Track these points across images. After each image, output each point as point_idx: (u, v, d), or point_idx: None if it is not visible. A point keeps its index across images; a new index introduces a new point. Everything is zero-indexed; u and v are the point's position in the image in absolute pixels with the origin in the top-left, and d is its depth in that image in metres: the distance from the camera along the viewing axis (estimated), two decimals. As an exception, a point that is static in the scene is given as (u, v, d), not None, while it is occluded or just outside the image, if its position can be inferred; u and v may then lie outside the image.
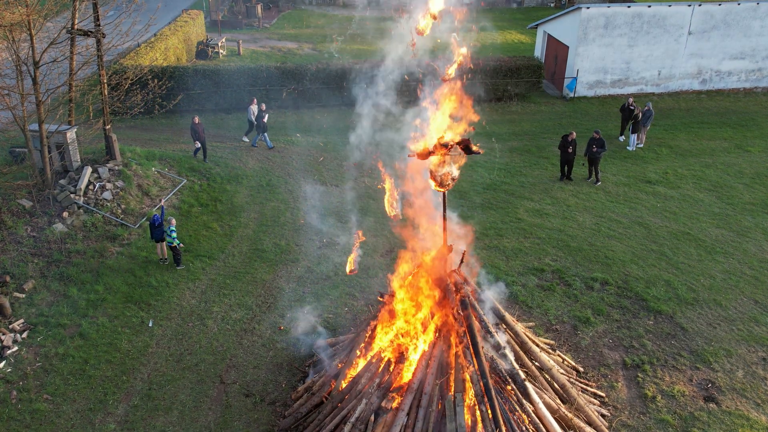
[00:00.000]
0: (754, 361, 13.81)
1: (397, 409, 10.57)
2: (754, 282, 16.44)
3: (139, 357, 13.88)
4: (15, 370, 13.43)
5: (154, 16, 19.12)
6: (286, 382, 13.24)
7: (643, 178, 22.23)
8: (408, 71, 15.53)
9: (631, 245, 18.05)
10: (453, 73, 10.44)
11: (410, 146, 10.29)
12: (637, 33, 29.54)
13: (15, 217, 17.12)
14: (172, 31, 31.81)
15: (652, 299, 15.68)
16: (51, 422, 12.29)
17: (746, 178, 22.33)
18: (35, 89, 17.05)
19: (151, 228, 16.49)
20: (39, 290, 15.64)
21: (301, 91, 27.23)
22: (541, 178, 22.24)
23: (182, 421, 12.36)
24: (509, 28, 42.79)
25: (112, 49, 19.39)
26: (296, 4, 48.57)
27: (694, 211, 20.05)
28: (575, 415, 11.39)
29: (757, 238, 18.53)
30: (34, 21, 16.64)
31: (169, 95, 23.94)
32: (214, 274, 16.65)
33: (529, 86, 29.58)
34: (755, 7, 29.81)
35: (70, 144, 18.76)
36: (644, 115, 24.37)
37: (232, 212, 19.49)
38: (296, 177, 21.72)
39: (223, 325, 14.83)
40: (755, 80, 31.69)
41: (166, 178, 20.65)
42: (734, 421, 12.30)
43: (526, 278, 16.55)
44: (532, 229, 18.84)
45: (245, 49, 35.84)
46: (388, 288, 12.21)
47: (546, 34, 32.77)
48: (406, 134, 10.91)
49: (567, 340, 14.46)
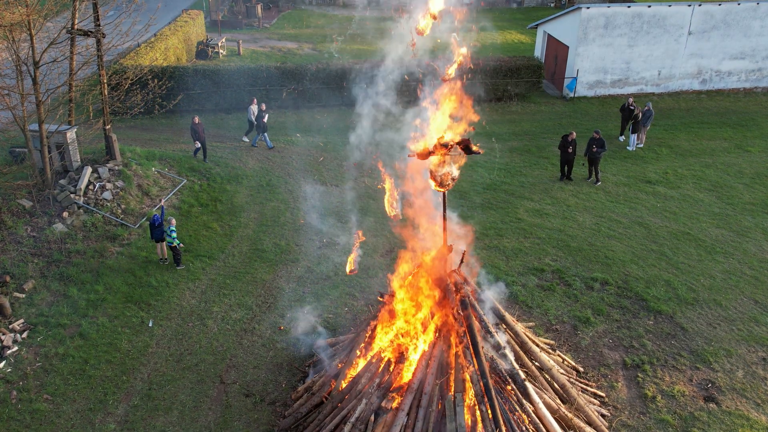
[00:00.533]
0: (754, 361, 13.81)
1: (397, 409, 10.57)
2: (754, 282, 16.44)
3: (139, 357, 13.88)
4: (15, 370, 13.43)
5: (154, 16, 19.13)
6: (286, 382, 13.24)
7: (643, 178, 22.23)
8: (408, 71, 15.54)
9: (631, 245, 18.05)
10: (453, 73, 10.44)
11: (410, 146, 10.29)
12: (637, 33, 29.55)
13: (15, 217, 17.12)
14: (172, 31, 31.81)
15: (652, 299, 15.68)
16: (51, 422, 12.29)
17: (746, 178, 22.33)
18: (35, 89, 17.05)
19: (151, 228, 16.49)
20: (39, 290, 15.64)
21: (301, 91, 27.23)
22: (541, 178, 22.24)
23: (182, 421, 12.36)
24: (509, 28, 42.79)
25: (112, 49, 19.40)
26: (296, 4, 48.57)
27: (694, 211, 20.06)
28: (575, 415, 11.39)
29: (757, 238, 18.53)
30: (34, 21, 16.64)
31: (169, 95, 23.95)
32: (214, 274, 16.65)
33: (529, 86, 29.58)
34: (755, 7, 29.82)
35: (70, 144, 18.76)
36: (644, 115, 24.37)
37: (232, 212, 19.50)
38: (296, 177, 21.73)
39: (223, 325, 14.83)
40: (755, 80, 31.70)
41: (166, 178, 20.65)
42: (734, 421, 12.30)
43: (526, 278, 16.55)
44: (532, 229, 18.84)
45: (245, 49, 35.85)
46: (388, 288, 12.21)
47: (546, 34, 32.78)
48: (406, 134, 10.91)
49: (567, 340, 14.46)
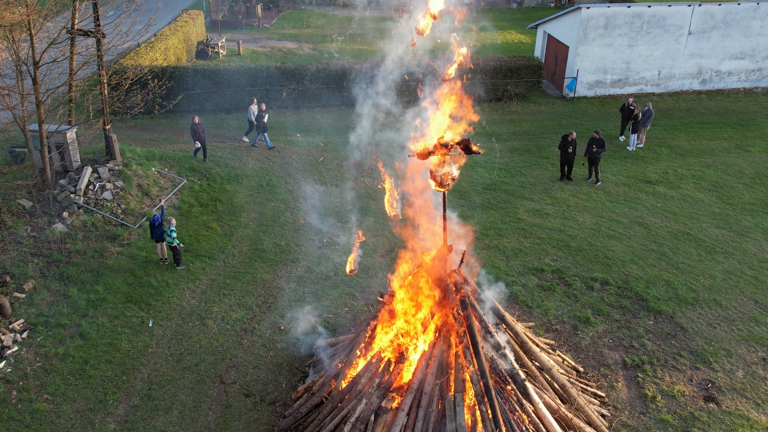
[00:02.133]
0: (754, 361, 13.81)
1: (397, 409, 10.57)
2: (754, 282, 16.44)
3: (139, 357, 13.88)
4: (15, 370, 13.43)
5: (154, 16, 19.13)
6: (286, 382, 13.24)
7: (643, 178, 22.23)
8: (408, 71, 15.53)
9: (631, 245, 18.05)
10: (453, 73, 10.44)
11: (410, 146, 10.29)
12: (637, 33, 29.55)
13: (15, 217, 17.12)
14: (172, 31, 31.82)
15: (652, 299, 15.68)
16: (51, 422, 12.29)
17: (746, 178, 22.33)
18: (35, 89, 17.05)
19: (151, 228, 16.49)
20: (39, 290, 15.64)
21: (301, 91, 27.23)
22: (541, 178, 22.24)
23: (182, 421, 12.36)
24: (509, 28, 42.79)
25: (112, 49, 19.40)
26: (296, 4, 48.58)
27: (694, 211, 20.05)
28: (575, 415, 11.39)
29: (757, 238, 18.53)
30: (34, 21, 16.64)
31: (169, 95, 23.95)
32: (214, 274, 16.65)
33: (529, 86, 29.59)
34: (755, 7, 29.82)
35: (70, 144, 18.76)
36: (644, 115, 24.37)
37: (232, 212, 19.50)
38: (296, 177, 21.73)
39: (223, 325, 14.83)
40: (755, 80, 31.70)
41: (166, 178, 20.65)
42: (734, 421, 12.30)
43: (526, 278, 16.55)
44: (532, 229, 18.84)
45: (245, 49, 35.85)
46: (388, 288, 12.22)
47: (546, 34, 32.78)
48: (406, 134, 10.91)
49: (567, 340, 14.46)
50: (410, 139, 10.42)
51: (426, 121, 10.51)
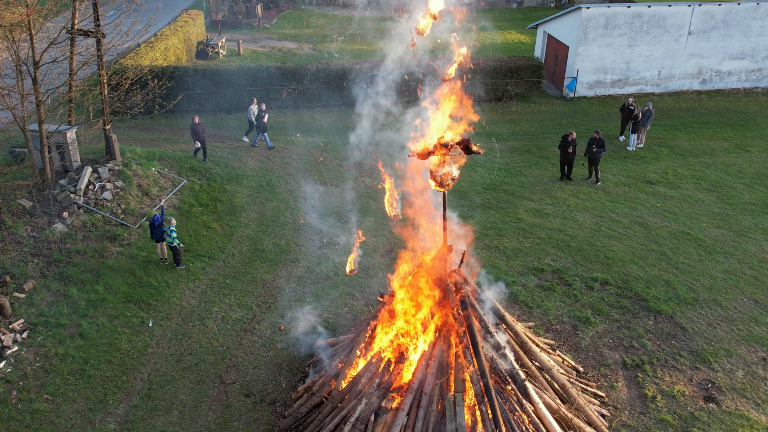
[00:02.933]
0: (754, 361, 13.81)
1: (397, 409, 10.57)
2: (754, 282, 16.44)
3: (139, 357, 13.88)
4: (15, 370, 13.43)
5: (154, 16, 19.13)
6: (286, 382, 13.24)
7: (643, 178, 22.23)
8: (408, 71, 15.52)
9: (631, 245, 18.05)
10: (453, 73, 10.44)
11: (410, 146, 10.29)
12: (637, 33, 29.55)
13: (15, 217, 17.12)
14: (172, 31, 31.82)
15: (652, 299, 15.67)
16: (51, 422, 12.28)
17: (746, 178, 22.33)
18: (35, 89, 17.05)
19: (151, 228, 16.49)
20: (39, 290, 15.64)
21: (301, 91, 27.23)
22: (541, 178, 22.24)
23: (182, 421, 12.36)
24: (509, 28, 42.79)
25: (112, 49, 19.40)
26: (296, 4, 48.58)
27: (694, 211, 20.05)
28: (575, 415, 11.39)
29: (757, 238, 18.52)
30: (34, 21, 16.64)
31: (169, 95, 23.95)
32: (214, 274, 16.65)
33: (529, 86, 29.59)
34: (755, 7, 29.82)
35: (70, 144, 18.76)
36: (644, 115, 24.37)
37: (232, 212, 19.50)
38: (296, 177, 21.73)
39: (223, 325, 14.83)
40: (755, 80, 31.70)
41: (166, 178, 20.65)
42: (734, 421, 12.30)
43: (526, 278, 16.55)
44: (532, 229, 18.84)
45: (245, 49, 35.85)
46: (388, 288, 12.21)
47: (546, 34, 32.78)
48: (406, 134, 10.91)
49: (567, 340, 14.46)
50: (410, 139, 10.42)
51: (426, 121, 10.51)
